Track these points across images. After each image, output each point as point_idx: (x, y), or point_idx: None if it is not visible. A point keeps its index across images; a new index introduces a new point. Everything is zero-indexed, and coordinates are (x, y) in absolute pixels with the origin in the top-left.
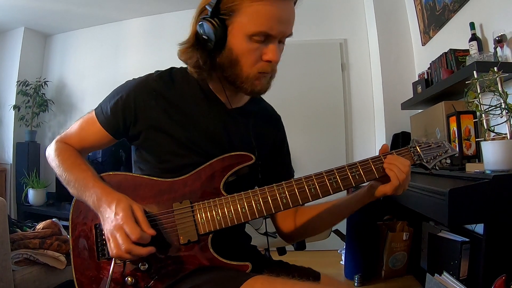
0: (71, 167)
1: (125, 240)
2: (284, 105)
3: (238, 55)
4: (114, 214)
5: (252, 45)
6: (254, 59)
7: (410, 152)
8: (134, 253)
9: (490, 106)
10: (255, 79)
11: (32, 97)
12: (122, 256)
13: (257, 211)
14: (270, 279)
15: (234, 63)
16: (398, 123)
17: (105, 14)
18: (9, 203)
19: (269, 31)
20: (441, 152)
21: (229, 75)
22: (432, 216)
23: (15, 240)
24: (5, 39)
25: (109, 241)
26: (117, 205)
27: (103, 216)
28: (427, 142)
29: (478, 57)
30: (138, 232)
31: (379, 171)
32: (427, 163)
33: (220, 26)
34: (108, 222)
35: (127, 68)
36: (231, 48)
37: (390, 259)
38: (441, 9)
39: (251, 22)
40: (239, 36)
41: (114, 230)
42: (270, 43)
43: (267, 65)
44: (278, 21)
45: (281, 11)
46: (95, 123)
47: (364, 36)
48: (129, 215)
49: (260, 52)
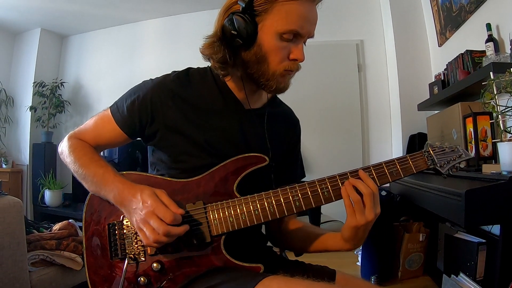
0: (88, 163)
1: (160, 224)
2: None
3: (267, 52)
4: (142, 203)
5: (281, 43)
6: (282, 57)
7: (424, 156)
8: (172, 233)
9: (506, 107)
10: (280, 76)
11: (49, 98)
12: (160, 240)
13: (270, 213)
14: (285, 279)
15: (262, 60)
16: (414, 124)
17: (121, 15)
18: (26, 204)
19: (299, 30)
20: (455, 157)
21: (254, 72)
22: (449, 217)
23: (32, 241)
24: (21, 40)
25: (141, 231)
26: (141, 194)
27: (129, 208)
28: (441, 146)
29: (494, 58)
30: (171, 214)
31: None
32: (440, 167)
33: (251, 22)
34: (137, 212)
35: (143, 69)
36: (261, 45)
37: (406, 260)
38: (458, 10)
39: (283, 21)
40: (270, 34)
41: (146, 217)
42: (298, 42)
43: (293, 63)
44: (307, 20)
45: (309, 11)
46: (110, 121)
47: (381, 37)
48: (158, 200)
49: (288, 50)
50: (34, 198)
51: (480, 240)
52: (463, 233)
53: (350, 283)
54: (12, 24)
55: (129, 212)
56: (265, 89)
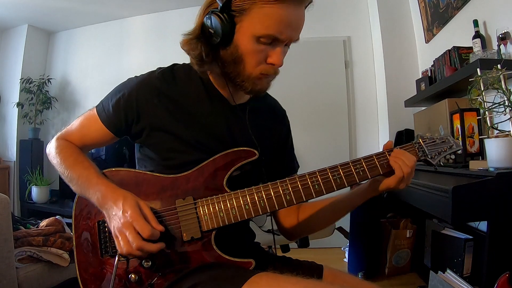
0: (73, 164)
1: (135, 238)
2: (288, 103)
3: (243, 54)
4: (122, 212)
5: (258, 47)
6: (258, 60)
7: (415, 147)
8: (145, 249)
9: (493, 104)
10: (257, 79)
11: (36, 95)
12: (133, 253)
13: (261, 208)
14: (274, 276)
15: (238, 61)
16: (401, 121)
17: (109, 11)
18: (13, 201)
19: (278, 35)
20: (445, 148)
21: (230, 72)
22: (436, 214)
23: (19, 237)
24: (8, 36)
25: (117, 238)
26: (124, 202)
27: (109, 214)
28: (431, 137)
29: (481, 55)
30: (149, 229)
31: (383, 167)
32: (431, 158)
33: (228, 22)
34: (116, 219)
35: (130, 66)
36: (237, 46)
37: (393, 256)
38: (445, 7)
39: (261, 24)
40: (247, 36)
41: (123, 227)
42: (276, 46)
43: (270, 67)
44: (288, 26)
45: (292, 16)
46: (96, 120)
47: (368, 33)
48: (138, 212)
49: (265, 54)
50: (21, 194)
51: (467, 237)
52: (450, 229)
53: (338, 278)
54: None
55: (109, 217)
56: (241, 89)
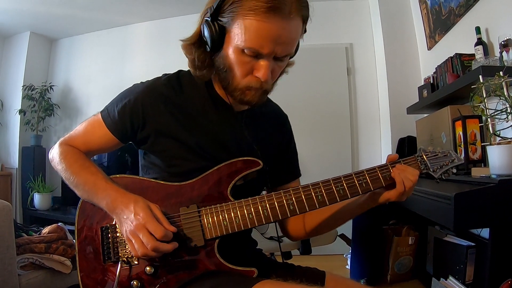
0: (79, 170)
1: (150, 239)
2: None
3: (231, 64)
4: (134, 214)
5: (243, 58)
6: (245, 71)
7: (417, 161)
8: (161, 250)
9: (495, 111)
10: (245, 89)
11: (38, 102)
12: (148, 255)
13: (264, 217)
14: (277, 283)
15: (228, 70)
16: (403, 128)
17: (111, 18)
18: (15, 208)
19: (259, 49)
20: (447, 162)
21: (222, 79)
22: (438, 221)
23: (21, 244)
24: (11, 43)
25: (130, 242)
26: (135, 205)
27: (120, 218)
28: (433, 151)
29: (483, 62)
30: (162, 230)
31: (386, 180)
32: (433, 172)
33: (217, 31)
34: (128, 223)
35: (133, 73)
36: (226, 55)
37: (395, 263)
38: (447, 14)
39: (242, 37)
40: (232, 47)
41: (136, 230)
42: (260, 59)
43: (256, 80)
44: (271, 40)
45: (276, 30)
46: (101, 126)
47: (370, 40)
48: (150, 214)
49: (252, 65)
50: (24, 201)
51: (470, 244)
52: (453, 236)
53: (340, 284)
54: (1, 28)
55: (120, 221)
56: (232, 98)
